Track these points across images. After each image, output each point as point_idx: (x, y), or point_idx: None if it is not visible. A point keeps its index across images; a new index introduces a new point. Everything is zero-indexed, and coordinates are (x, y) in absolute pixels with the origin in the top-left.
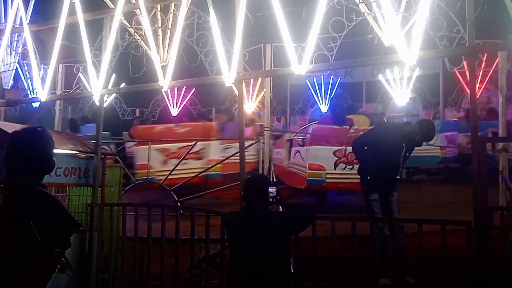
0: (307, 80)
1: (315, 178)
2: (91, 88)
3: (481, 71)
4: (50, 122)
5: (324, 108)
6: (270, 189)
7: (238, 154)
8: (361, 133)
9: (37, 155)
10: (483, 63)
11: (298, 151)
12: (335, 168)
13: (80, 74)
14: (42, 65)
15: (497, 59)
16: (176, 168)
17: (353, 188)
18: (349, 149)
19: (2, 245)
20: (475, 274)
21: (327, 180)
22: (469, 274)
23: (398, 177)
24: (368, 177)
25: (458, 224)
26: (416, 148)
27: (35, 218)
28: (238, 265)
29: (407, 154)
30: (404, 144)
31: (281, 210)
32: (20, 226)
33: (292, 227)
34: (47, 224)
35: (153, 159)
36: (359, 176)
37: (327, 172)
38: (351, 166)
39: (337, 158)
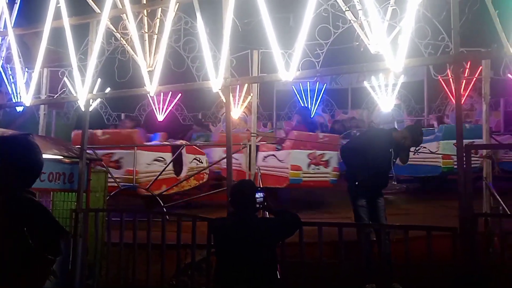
0: (293, 86)
1: (295, 178)
2: (76, 93)
3: (465, 79)
4: (34, 126)
5: (310, 114)
6: (257, 195)
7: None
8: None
9: (29, 161)
10: (467, 70)
11: (273, 155)
12: (307, 168)
13: (65, 79)
14: (27, 69)
15: (481, 67)
16: None
17: (320, 185)
18: (319, 152)
19: (2, 245)
20: (462, 279)
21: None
22: (455, 279)
23: (387, 183)
24: (356, 183)
25: (444, 230)
26: (415, 156)
27: (28, 225)
28: (225, 271)
29: (394, 160)
30: (391, 150)
31: (268, 216)
32: (19, 226)
33: (279, 233)
34: (39, 232)
35: None
36: (346, 181)
37: (303, 172)
38: (318, 167)
39: (310, 160)
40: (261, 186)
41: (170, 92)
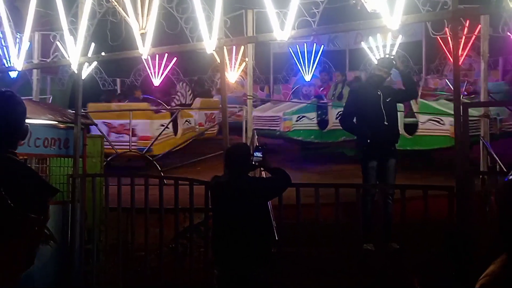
0: (290, 49)
1: None
2: (68, 57)
3: (463, 37)
4: (29, 92)
5: (307, 77)
6: (256, 154)
7: None
8: None
9: (6, 119)
10: (466, 28)
11: None
12: None
13: (57, 43)
14: (18, 34)
15: (479, 25)
16: None
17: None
18: None
19: None
20: (457, 238)
21: None
22: (450, 238)
23: (396, 137)
24: (368, 140)
25: (441, 189)
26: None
27: (5, 185)
28: (220, 231)
29: (387, 100)
30: (379, 92)
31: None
32: None
33: (268, 192)
34: (17, 189)
35: None
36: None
37: None
38: None
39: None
40: (263, 146)
41: (166, 56)
